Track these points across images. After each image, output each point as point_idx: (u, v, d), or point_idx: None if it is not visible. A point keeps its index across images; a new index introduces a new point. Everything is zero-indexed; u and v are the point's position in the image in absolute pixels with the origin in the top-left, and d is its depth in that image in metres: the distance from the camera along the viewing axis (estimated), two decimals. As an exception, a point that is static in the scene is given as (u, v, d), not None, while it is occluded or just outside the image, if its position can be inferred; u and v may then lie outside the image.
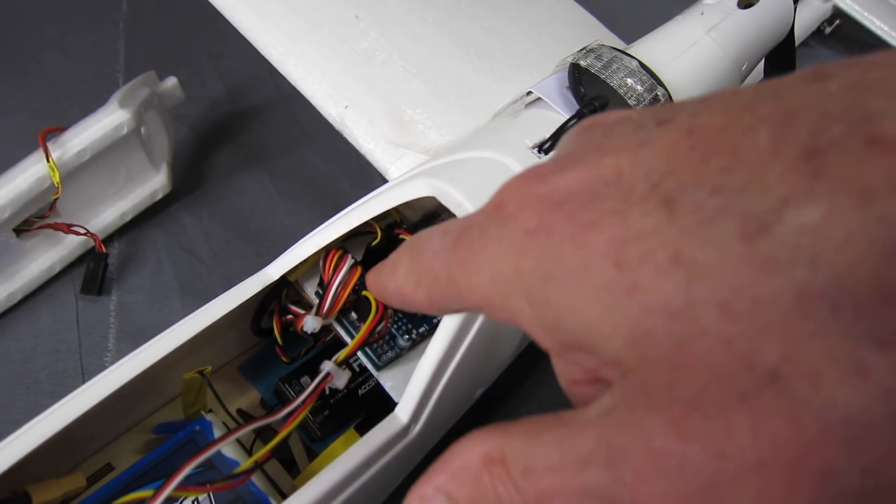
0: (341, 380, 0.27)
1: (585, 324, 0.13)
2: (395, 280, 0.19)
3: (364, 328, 0.28)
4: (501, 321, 0.16)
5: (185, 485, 0.23)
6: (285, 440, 0.26)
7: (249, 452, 0.31)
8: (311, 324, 0.29)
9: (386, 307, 0.28)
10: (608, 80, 0.30)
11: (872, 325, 0.11)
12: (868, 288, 0.11)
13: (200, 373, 0.30)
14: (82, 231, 0.42)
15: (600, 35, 0.45)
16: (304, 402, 0.26)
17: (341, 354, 0.28)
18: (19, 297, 0.43)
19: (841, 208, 0.11)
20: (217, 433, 0.30)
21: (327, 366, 0.27)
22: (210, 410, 0.32)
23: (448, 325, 0.27)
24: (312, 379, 0.34)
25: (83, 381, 0.27)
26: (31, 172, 0.39)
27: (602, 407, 0.14)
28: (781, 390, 0.11)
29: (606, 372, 0.14)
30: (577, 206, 0.14)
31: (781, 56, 0.43)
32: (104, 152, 0.42)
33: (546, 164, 0.15)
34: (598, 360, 0.14)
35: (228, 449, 0.29)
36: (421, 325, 0.30)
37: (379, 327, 0.28)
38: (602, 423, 0.13)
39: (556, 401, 0.43)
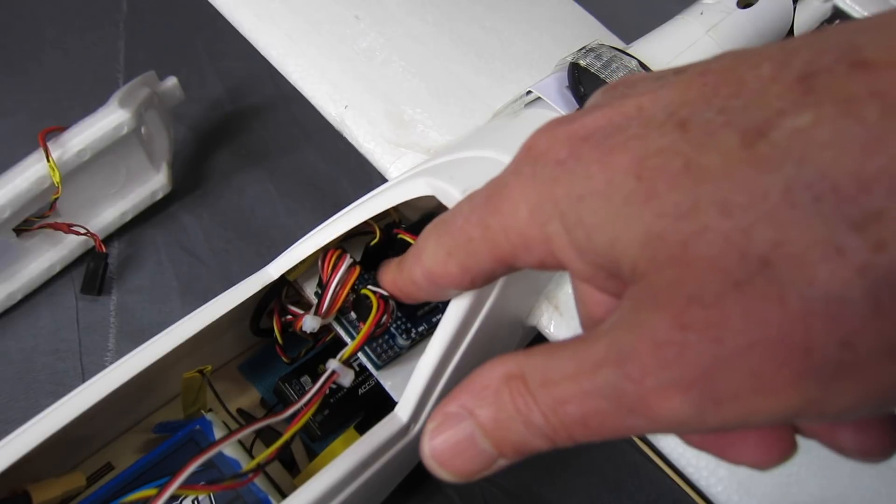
0: (347, 378, 0.27)
1: (611, 236, 0.15)
2: (423, 263, 0.20)
3: (368, 322, 0.28)
4: (536, 261, 0.17)
5: (189, 484, 0.23)
6: (288, 439, 0.26)
7: (249, 451, 0.31)
8: (310, 323, 0.29)
9: (387, 302, 0.28)
10: (608, 80, 0.30)
11: (850, 210, 0.12)
12: (847, 178, 0.12)
13: (200, 372, 0.30)
14: (82, 231, 0.42)
15: (600, 35, 0.45)
16: (310, 400, 0.26)
17: (346, 352, 0.28)
18: (19, 297, 0.43)
19: (827, 114, 0.12)
20: (217, 433, 0.30)
21: (333, 364, 0.27)
22: (210, 410, 0.32)
23: (448, 324, 0.27)
24: (312, 378, 0.34)
25: (83, 381, 0.27)
26: (31, 172, 0.39)
27: (613, 318, 0.15)
28: (770, 275, 0.12)
29: (612, 287, 0.16)
30: (603, 136, 0.15)
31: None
32: (104, 152, 0.42)
33: (573, 113, 0.17)
34: (619, 283, 0.15)
35: (228, 448, 0.29)
36: (420, 325, 0.30)
37: (382, 321, 0.28)
38: (612, 331, 0.15)
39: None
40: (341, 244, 0.31)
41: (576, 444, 0.16)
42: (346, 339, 0.30)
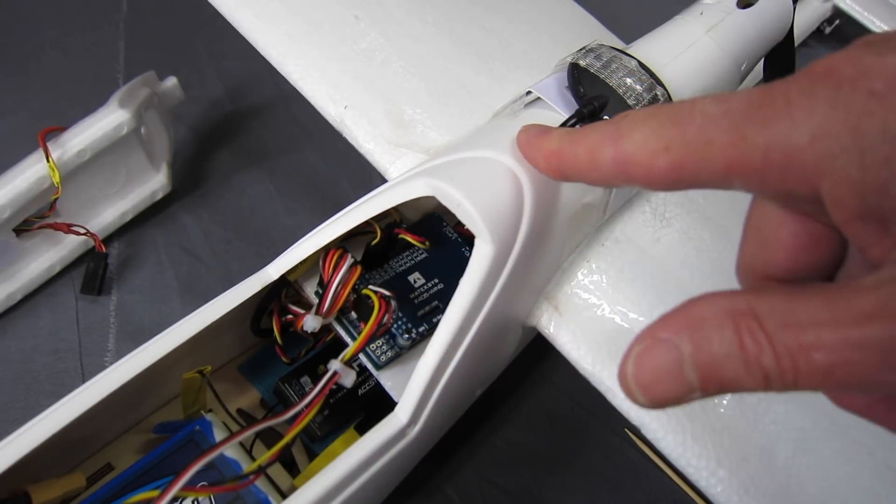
0: (348, 378, 0.27)
1: None
2: (622, 147, 0.18)
3: (370, 322, 0.28)
4: (781, 190, 0.16)
5: (190, 485, 0.23)
6: (289, 441, 0.26)
7: (249, 452, 0.31)
8: (310, 323, 0.29)
9: (388, 303, 0.28)
10: (607, 80, 0.30)
11: None
12: None
13: (200, 372, 0.30)
14: (82, 231, 0.42)
15: (600, 35, 0.45)
16: (311, 401, 0.26)
17: (347, 353, 0.28)
18: (19, 297, 0.43)
19: None
20: (217, 433, 0.30)
21: (335, 364, 0.27)
22: (210, 410, 0.32)
23: (448, 325, 0.27)
24: (312, 379, 0.34)
25: (83, 381, 0.27)
26: (31, 172, 0.39)
27: (882, 277, 0.15)
28: None
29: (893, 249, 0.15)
30: None
31: (781, 56, 0.43)
32: (104, 152, 0.42)
33: (878, 44, 0.15)
34: (885, 236, 0.15)
35: (229, 449, 0.29)
36: (421, 325, 0.30)
37: (384, 321, 0.28)
38: (887, 287, 0.14)
39: (554, 402, 0.43)
40: (342, 244, 0.31)
41: (795, 390, 0.15)
42: (347, 339, 0.30)
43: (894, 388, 0.15)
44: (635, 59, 0.32)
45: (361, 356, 0.30)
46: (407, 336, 0.30)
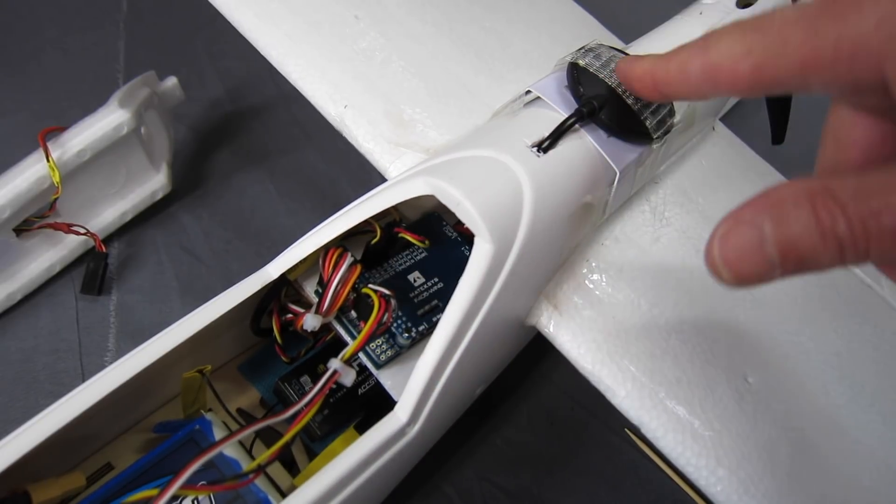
0: (349, 377, 0.27)
1: None
2: (709, 55, 0.20)
3: (370, 321, 0.28)
4: (850, 78, 0.17)
5: (190, 484, 0.23)
6: (289, 440, 0.26)
7: (249, 451, 0.31)
8: (310, 322, 0.29)
9: (388, 301, 0.28)
10: (607, 80, 0.30)
11: None
12: None
13: (200, 372, 0.30)
14: (82, 231, 0.42)
15: (599, 35, 0.45)
16: (311, 400, 0.26)
17: (347, 352, 0.28)
18: (19, 297, 0.43)
19: None
20: (217, 432, 0.30)
21: (335, 363, 0.27)
22: (210, 409, 0.32)
23: (448, 324, 0.27)
24: (312, 378, 0.34)
25: (83, 381, 0.27)
26: (31, 172, 0.39)
27: None
28: None
29: None
30: None
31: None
32: (104, 152, 0.42)
33: None
34: None
35: (228, 448, 0.29)
36: (421, 324, 0.30)
37: (384, 320, 0.28)
38: None
39: (554, 401, 0.43)
40: (342, 243, 0.31)
41: (867, 260, 0.17)
42: (347, 338, 0.30)
43: None
44: (635, 58, 0.32)
45: (361, 355, 0.30)
46: (407, 335, 0.30)
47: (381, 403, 0.30)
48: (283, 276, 0.31)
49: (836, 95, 0.21)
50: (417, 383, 0.27)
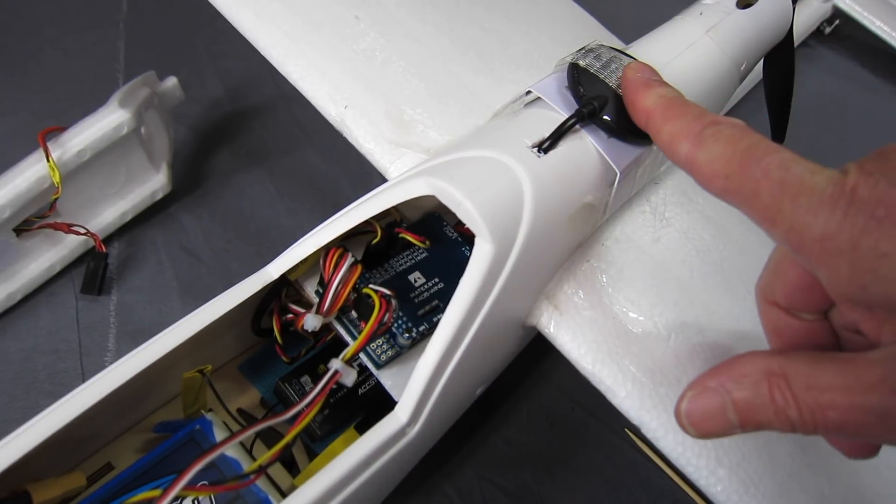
0: (349, 377, 0.27)
1: (893, 290, 0.18)
2: (696, 152, 0.22)
3: (371, 322, 0.28)
4: (791, 251, 0.20)
5: (191, 485, 0.23)
6: (290, 441, 0.26)
7: (249, 452, 0.31)
8: (311, 322, 0.29)
9: (389, 302, 0.28)
10: (607, 80, 0.30)
11: None
12: None
13: (200, 372, 0.30)
14: (82, 231, 0.42)
15: (599, 35, 0.45)
16: (312, 401, 0.26)
17: (348, 352, 0.28)
18: (19, 297, 0.43)
19: None
20: (217, 432, 0.30)
21: (336, 363, 0.27)
22: (210, 409, 0.32)
23: (448, 324, 0.27)
24: (312, 378, 0.34)
25: (83, 381, 0.27)
26: (31, 172, 0.39)
27: (886, 353, 0.19)
28: None
29: (890, 328, 0.19)
30: None
31: (780, 56, 0.43)
32: (104, 152, 0.42)
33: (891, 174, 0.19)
34: (872, 319, 0.20)
35: (229, 449, 0.29)
36: (421, 324, 0.30)
37: (384, 320, 0.28)
38: (887, 364, 0.18)
39: (554, 401, 0.43)
40: (342, 243, 0.31)
41: (816, 435, 0.20)
42: (347, 338, 0.30)
43: (889, 442, 0.20)
44: (635, 59, 0.32)
45: (362, 355, 0.30)
46: (407, 335, 0.30)
47: (382, 403, 0.30)
48: (283, 276, 0.31)
49: None
50: (418, 383, 0.27)
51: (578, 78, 0.31)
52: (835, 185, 0.19)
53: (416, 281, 0.32)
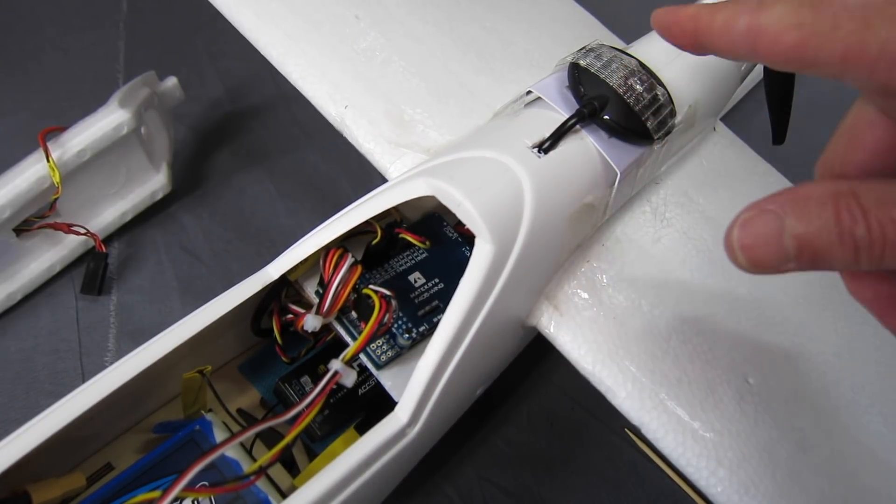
0: (349, 378, 0.27)
1: None
2: (759, 18, 0.20)
3: (371, 322, 0.28)
4: (883, 81, 0.18)
5: (192, 486, 0.23)
6: (290, 441, 0.26)
7: (249, 452, 0.31)
8: (311, 322, 0.29)
9: (389, 302, 0.28)
10: (608, 80, 0.30)
11: None
12: None
13: (200, 372, 0.30)
14: (82, 231, 0.42)
15: (600, 35, 0.45)
16: (312, 401, 0.26)
17: (348, 352, 0.28)
18: (19, 297, 0.43)
19: None
20: (217, 433, 0.30)
21: (336, 364, 0.27)
22: (210, 410, 0.32)
23: (448, 324, 0.27)
24: (312, 379, 0.34)
25: (83, 381, 0.27)
26: (31, 172, 0.39)
27: None
28: None
29: None
30: None
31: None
32: (104, 152, 0.42)
33: None
34: None
35: (229, 449, 0.29)
36: (421, 325, 0.30)
37: (384, 320, 0.28)
38: None
39: (554, 401, 0.43)
40: (342, 244, 0.31)
41: (879, 267, 0.18)
42: (347, 338, 0.30)
43: None
44: (635, 59, 0.32)
45: (362, 356, 0.30)
46: (407, 336, 0.30)
47: (382, 404, 0.30)
48: (283, 276, 0.31)
49: (865, 93, 0.21)
50: (418, 384, 0.27)
51: (579, 78, 0.31)
52: None
53: (416, 281, 0.32)
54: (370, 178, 0.51)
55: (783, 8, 0.19)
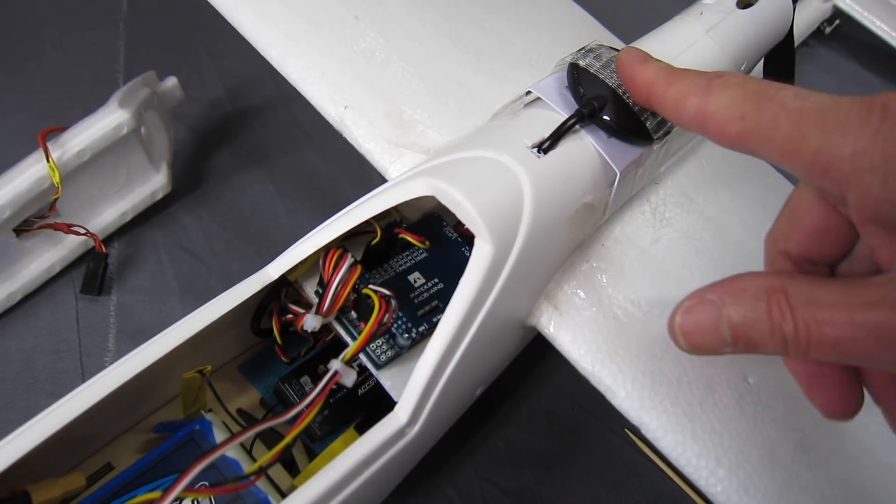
0: (349, 378, 0.27)
1: None
2: (707, 104, 0.22)
3: (370, 322, 0.28)
4: (818, 184, 0.20)
5: (192, 486, 0.23)
6: (290, 441, 0.26)
7: (249, 452, 0.31)
8: (311, 322, 0.29)
9: (388, 302, 0.28)
10: (607, 80, 0.30)
11: None
12: None
13: (200, 372, 0.30)
14: (82, 231, 0.42)
15: (599, 35, 0.45)
16: (312, 401, 0.26)
17: (348, 352, 0.28)
18: (19, 297, 0.43)
19: None
20: (217, 433, 0.30)
21: (335, 364, 0.27)
22: (210, 410, 0.32)
23: (448, 324, 0.27)
24: (312, 379, 0.34)
25: (83, 381, 0.27)
26: (31, 172, 0.39)
27: (889, 276, 0.19)
28: None
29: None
30: None
31: (781, 56, 0.43)
32: (104, 152, 0.42)
33: None
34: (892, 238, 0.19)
35: (229, 449, 0.29)
36: (421, 325, 0.30)
37: (384, 320, 0.28)
38: (891, 285, 0.18)
39: (554, 401, 0.43)
40: (342, 243, 0.31)
41: (805, 358, 0.19)
42: (347, 338, 0.30)
43: (885, 365, 0.19)
44: (635, 58, 0.32)
45: (361, 356, 0.30)
46: (407, 335, 0.30)
47: (381, 404, 0.30)
48: (283, 276, 0.31)
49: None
50: (417, 384, 0.27)
51: (578, 78, 0.31)
52: (862, 105, 0.19)
53: (415, 281, 0.32)
54: (370, 178, 0.51)
55: (728, 98, 0.21)
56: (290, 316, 0.31)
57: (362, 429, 0.32)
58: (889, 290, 0.18)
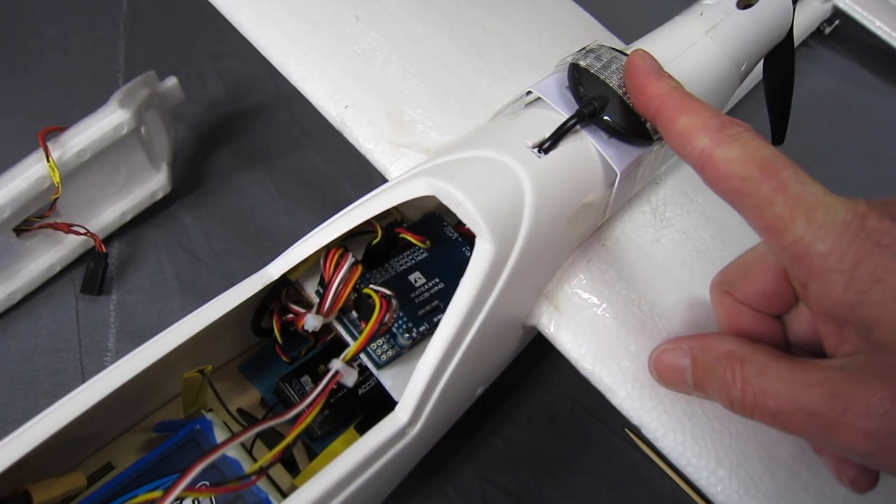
0: (350, 378, 0.27)
1: (878, 315, 0.20)
2: (714, 151, 0.23)
3: (371, 322, 0.28)
4: (788, 268, 0.22)
5: (192, 485, 0.23)
6: (291, 441, 0.26)
7: (250, 452, 0.31)
8: (311, 322, 0.29)
9: (389, 302, 0.28)
10: (607, 81, 0.30)
11: None
12: None
13: (201, 372, 0.30)
14: (82, 231, 0.42)
15: (600, 35, 0.45)
16: (313, 401, 0.26)
17: (349, 352, 0.28)
18: (19, 297, 0.43)
19: None
20: (217, 432, 0.30)
21: (336, 364, 0.27)
22: (210, 409, 0.32)
23: (449, 324, 0.27)
24: (312, 378, 0.34)
25: (83, 381, 0.27)
26: (31, 172, 0.39)
27: (836, 363, 0.21)
28: None
29: (850, 344, 0.21)
30: None
31: (780, 56, 0.43)
32: (104, 152, 0.42)
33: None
34: (839, 334, 0.21)
35: (229, 449, 0.29)
36: (421, 324, 0.30)
37: (385, 320, 0.28)
38: (834, 371, 0.20)
39: (554, 401, 0.44)
40: (343, 243, 0.31)
41: (749, 418, 0.22)
42: (348, 338, 0.30)
43: (814, 441, 0.22)
44: (635, 59, 0.32)
45: (362, 355, 0.30)
46: (408, 335, 0.30)
47: (382, 404, 0.30)
48: (283, 276, 0.31)
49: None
50: (418, 384, 0.27)
51: (579, 78, 0.31)
52: (847, 209, 0.20)
53: (416, 281, 0.32)
54: (370, 178, 0.51)
55: (737, 153, 0.22)
56: (290, 316, 0.31)
57: (363, 429, 0.32)
58: (828, 375, 0.20)
